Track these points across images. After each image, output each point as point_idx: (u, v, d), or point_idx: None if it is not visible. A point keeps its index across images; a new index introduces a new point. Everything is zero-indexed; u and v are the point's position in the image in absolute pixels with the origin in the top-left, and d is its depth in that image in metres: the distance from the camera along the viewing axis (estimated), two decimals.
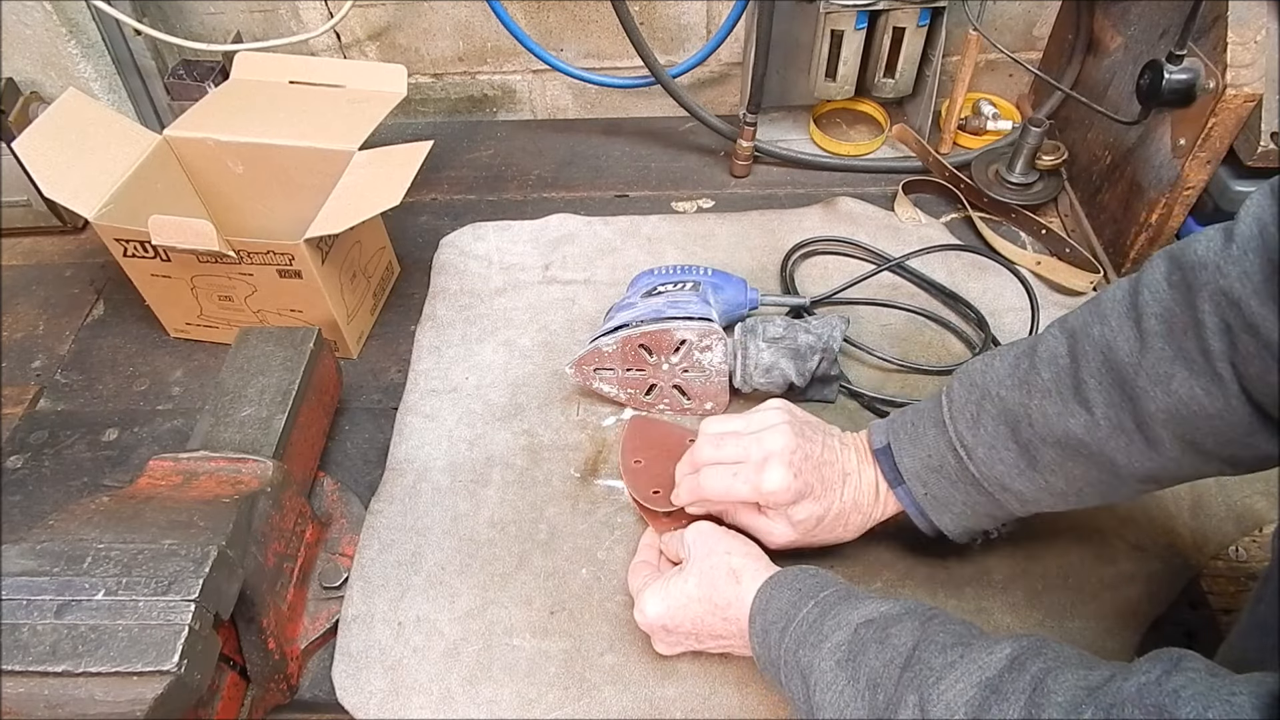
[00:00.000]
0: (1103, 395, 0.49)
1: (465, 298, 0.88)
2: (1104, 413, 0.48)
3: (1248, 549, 0.69)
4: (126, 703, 0.46)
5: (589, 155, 1.09)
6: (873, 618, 0.48)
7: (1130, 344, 0.47)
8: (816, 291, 0.86)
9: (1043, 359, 0.52)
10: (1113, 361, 0.48)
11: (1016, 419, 0.52)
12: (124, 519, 0.55)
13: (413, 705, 0.60)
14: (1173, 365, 0.45)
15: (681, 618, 0.56)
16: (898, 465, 0.58)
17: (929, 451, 0.56)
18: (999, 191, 0.95)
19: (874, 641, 0.46)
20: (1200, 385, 0.45)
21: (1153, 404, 0.46)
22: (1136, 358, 0.47)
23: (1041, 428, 0.51)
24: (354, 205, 0.72)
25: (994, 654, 0.42)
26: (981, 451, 0.54)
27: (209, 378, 0.84)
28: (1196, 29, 0.73)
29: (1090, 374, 0.49)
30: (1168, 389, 0.46)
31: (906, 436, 0.58)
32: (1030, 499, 0.54)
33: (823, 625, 0.49)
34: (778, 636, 0.51)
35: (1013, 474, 0.53)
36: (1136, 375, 0.47)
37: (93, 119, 0.78)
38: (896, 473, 0.58)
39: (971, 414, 0.54)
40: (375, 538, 0.69)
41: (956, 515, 0.57)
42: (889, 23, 0.94)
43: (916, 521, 0.59)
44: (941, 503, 0.57)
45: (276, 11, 1.06)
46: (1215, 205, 0.79)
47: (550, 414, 0.78)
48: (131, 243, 0.75)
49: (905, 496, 0.58)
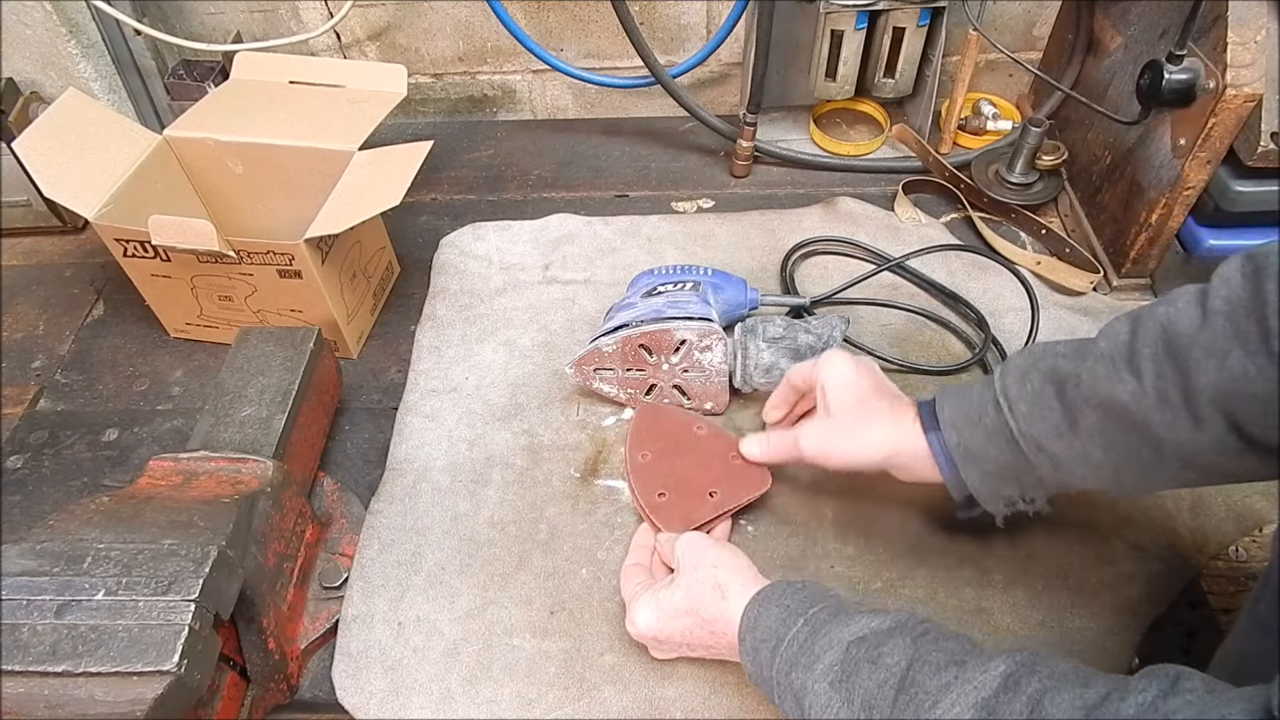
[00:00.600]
0: (1154, 365, 0.49)
1: (465, 298, 0.88)
2: (1153, 382, 0.48)
3: (1248, 549, 0.69)
4: (126, 703, 0.46)
5: (589, 155, 1.09)
6: (864, 635, 0.47)
7: (1191, 320, 0.48)
8: (816, 291, 0.86)
9: (1104, 333, 0.52)
10: (1170, 335, 0.48)
11: (1065, 379, 0.52)
12: (124, 519, 0.55)
13: (413, 705, 0.60)
14: (1230, 342, 0.46)
15: (670, 630, 0.56)
16: (936, 412, 0.57)
17: (971, 403, 0.56)
18: (999, 191, 0.95)
19: (866, 661, 0.46)
20: (1254, 364, 0.45)
21: (1204, 378, 0.46)
22: (1195, 332, 0.47)
23: (1089, 389, 0.51)
24: (354, 205, 0.72)
25: (988, 672, 0.42)
26: (1024, 406, 0.53)
27: (209, 378, 0.84)
28: (1196, 29, 0.73)
29: (1146, 344, 0.49)
30: (1221, 364, 0.46)
31: (954, 391, 0.58)
32: (1064, 466, 0.53)
33: (814, 645, 0.48)
34: (768, 656, 0.51)
35: (1052, 435, 0.53)
36: (1192, 348, 0.47)
37: (93, 119, 0.78)
38: (934, 419, 0.57)
39: (1021, 372, 0.54)
40: (375, 538, 0.69)
41: (986, 473, 0.56)
42: (889, 23, 0.94)
43: (946, 480, 0.58)
44: (973, 456, 0.56)
45: (276, 11, 1.06)
46: (1215, 205, 0.78)
47: (550, 414, 0.78)
48: (131, 243, 0.75)
49: (937, 444, 0.57)
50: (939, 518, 0.69)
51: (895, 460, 0.59)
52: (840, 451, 0.60)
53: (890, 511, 0.70)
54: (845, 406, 0.61)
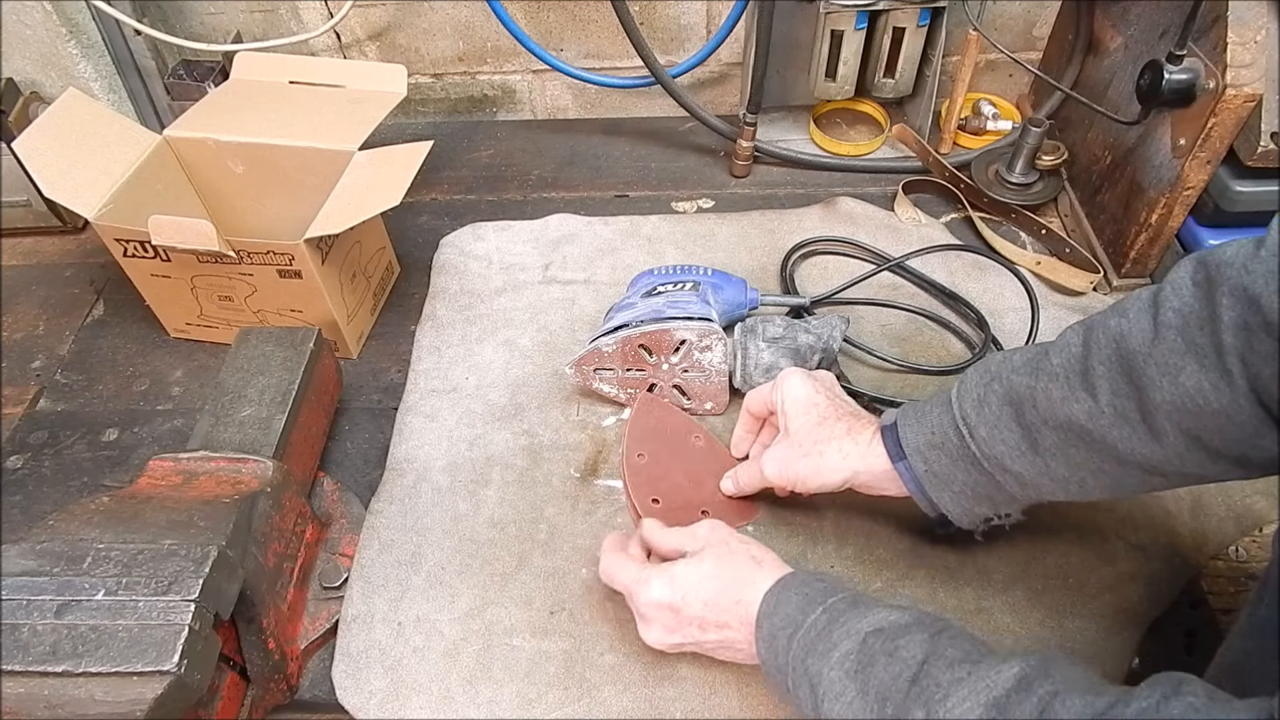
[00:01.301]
0: (1109, 383, 0.49)
1: (465, 298, 0.88)
2: (1109, 400, 0.49)
3: (1248, 549, 0.69)
4: (126, 703, 0.46)
5: (589, 155, 1.09)
6: (882, 627, 0.48)
7: (1144, 334, 0.47)
8: (816, 291, 0.86)
9: (1056, 347, 0.52)
10: (1124, 351, 0.48)
11: (1021, 400, 0.52)
12: (124, 519, 0.55)
13: (413, 705, 0.60)
14: (1184, 358, 0.45)
15: (694, 596, 0.55)
16: (900, 441, 0.58)
17: (932, 429, 0.57)
18: (999, 191, 0.95)
19: (883, 654, 0.46)
20: (1209, 380, 0.45)
21: (1159, 394, 0.46)
22: (1148, 347, 0.47)
23: (1045, 410, 0.51)
24: (354, 205, 0.72)
25: (1002, 673, 0.42)
26: (984, 431, 0.54)
27: (209, 378, 0.84)
28: (1196, 29, 0.73)
29: (1100, 361, 0.49)
30: (1175, 380, 0.46)
31: (913, 414, 0.58)
32: (1030, 483, 0.54)
33: (831, 633, 0.48)
34: (785, 642, 0.50)
35: (1013, 455, 0.53)
36: (1146, 365, 0.47)
37: (93, 119, 0.78)
38: (899, 448, 0.58)
39: (979, 394, 0.55)
40: (375, 538, 0.69)
41: (956, 494, 0.57)
42: (889, 23, 0.94)
43: (917, 500, 0.59)
44: (941, 480, 0.57)
45: (276, 11, 1.06)
46: (1215, 205, 0.79)
47: (550, 414, 0.78)
48: (131, 243, 0.75)
49: (906, 473, 0.58)
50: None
51: (858, 480, 0.60)
52: (803, 475, 0.61)
53: (890, 511, 0.70)
54: (804, 429, 0.62)
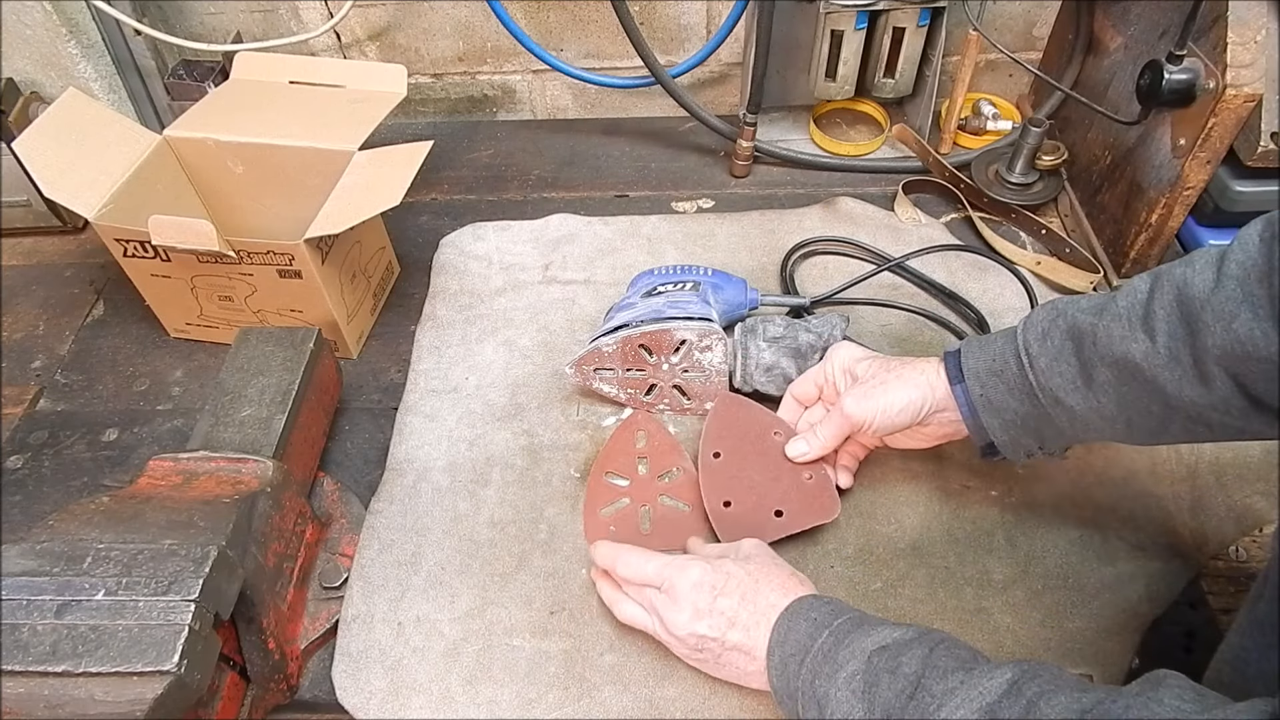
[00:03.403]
0: (1167, 325, 0.50)
1: (465, 298, 0.88)
2: (1165, 342, 0.50)
3: (1248, 549, 0.69)
4: (126, 703, 0.46)
5: (589, 155, 1.09)
6: (885, 644, 0.48)
7: (1206, 283, 0.49)
8: (816, 291, 0.86)
9: (1124, 291, 0.54)
10: (1185, 297, 0.50)
11: (1083, 336, 0.55)
12: (124, 519, 0.55)
13: (413, 705, 0.60)
14: (1239, 306, 0.47)
15: (734, 586, 0.55)
16: (962, 365, 0.60)
17: (994, 356, 0.59)
18: (999, 191, 0.95)
19: (886, 671, 0.47)
20: (1260, 328, 0.46)
21: (1211, 339, 0.48)
22: (1208, 295, 0.49)
23: (1104, 347, 0.53)
24: (354, 205, 0.72)
25: (995, 679, 0.43)
26: (1044, 361, 0.56)
27: (209, 378, 0.84)
28: (1196, 29, 0.73)
29: (1161, 305, 0.51)
30: (1229, 327, 0.47)
31: (978, 343, 0.61)
32: (1080, 418, 0.56)
33: (837, 654, 0.49)
34: (795, 668, 0.51)
35: (1068, 388, 0.55)
36: (1203, 311, 0.49)
37: (93, 119, 0.78)
38: (959, 371, 0.60)
39: (1043, 328, 0.57)
40: (375, 538, 0.69)
41: (1005, 423, 0.59)
42: (889, 23, 0.94)
43: (968, 427, 0.61)
44: (994, 407, 0.59)
45: (276, 11, 1.06)
46: (1215, 205, 0.79)
47: (550, 414, 0.78)
48: (131, 243, 0.75)
49: (961, 395, 0.60)
50: (939, 518, 0.69)
51: (933, 402, 0.61)
52: (885, 403, 0.62)
53: (890, 512, 0.70)
54: (872, 372, 0.64)
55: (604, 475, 0.71)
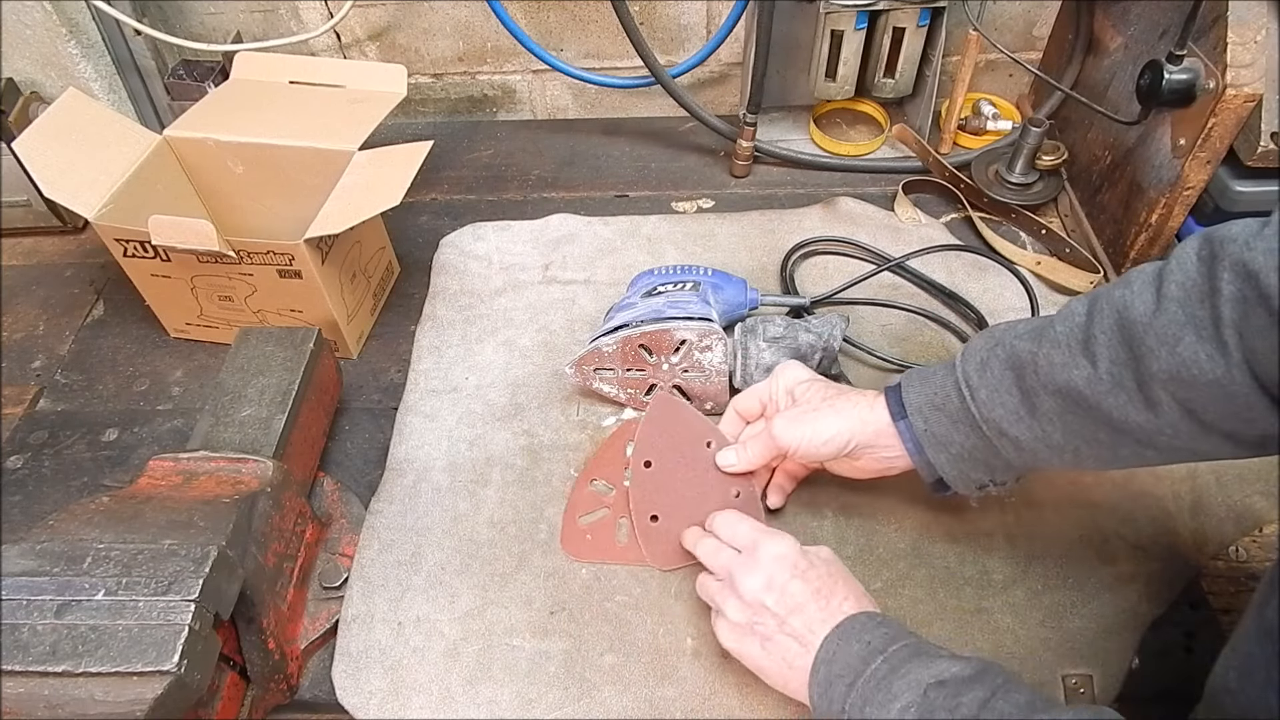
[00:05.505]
0: (1109, 351, 0.49)
1: (465, 298, 0.88)
2: (1107, 368, 0.49)
3: (1248, 549, 0.69)
4: (126, 703, 0.46)
5: (589, 155, 1.09)
6: (944, 679, 0.47)
7: (1146, 305, 0.48)
8: (816, 291, 0.86)
9: (1061, 316, 0.53)
10: (1126, 320, 0.49)
11: (1022, 365, 0.53)
12: (124, 519, 0.55)
13: (413, 705, 0.60)
14: (1182, 329, 0.46)
15: (821, 566, 0.55)
16: (903, 400, 0.59)
17: (935, 389, 0.58)
18: (999, 191, 0.95)
19: (944, 710, 0.45)
20: (1205, 351, 0.45)
21: (1156, 364, 0.47)
22: (1149, 318, 0.48)
23: (1045, 375, 0.52)
24: (354, 205, 0.72)
25: None
26: (984, 393, 0.55)
27: (209, 378, 0.84)
28: (1196, 29, 0.73)
29: (1101, 330, 0.50)
30: (1173, 350, 0.46)
31: (917, 377, 0.59)
32: (1027, 448, 0.55)
33: (891, 684, 0.48)
34: (843, 690, 0.50)
35: (1012, 419, 0.54)
36: (1146, 334, 0.48)
37: (93, 119, 0.78)
38: (901, 407, 0.59)
39: (981, 358, 0.56)
40: (375, 538, 0.69)
41: (953, 457, 0.58)
42: (889, 23, 0.94)
43: (915, 463, 0.60)
44: (940, 441, 0.58)
45: (276, 11, 1.06)
46: (1215, 205, 0.78)
47: (550, 414, 0.78)
48: (131, 243, 0.75)
49: (906, 431, 0.59)
50: (939, 519, 0.69)
51: (862, 436, 0.60)
52: (811, 432, 0.61)
53: (890, 511, 0.70)
54: (810, 397, 0.63)
55: (590, 483, 0.71)
